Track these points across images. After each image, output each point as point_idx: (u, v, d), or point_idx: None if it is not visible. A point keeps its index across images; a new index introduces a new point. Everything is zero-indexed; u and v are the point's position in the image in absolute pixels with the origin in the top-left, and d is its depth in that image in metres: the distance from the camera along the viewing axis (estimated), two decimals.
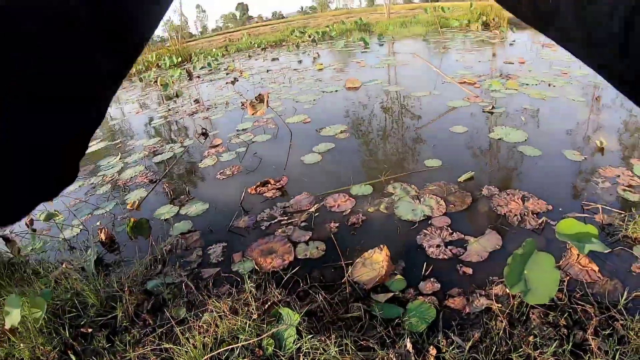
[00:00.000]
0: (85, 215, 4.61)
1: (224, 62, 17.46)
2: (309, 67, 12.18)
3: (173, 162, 5.66)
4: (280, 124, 6.27)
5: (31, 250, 4.01)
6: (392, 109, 6.82)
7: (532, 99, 6.24)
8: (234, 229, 3.75)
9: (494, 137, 4.93)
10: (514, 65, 8.91)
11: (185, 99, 10.46)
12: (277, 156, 5.13)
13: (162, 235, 3.83)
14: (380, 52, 13.44)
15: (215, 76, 13.47)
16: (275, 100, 8.18)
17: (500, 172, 4.18)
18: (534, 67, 8.62)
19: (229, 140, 6.15)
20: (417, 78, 8.69)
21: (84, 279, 3.14)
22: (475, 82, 7.52)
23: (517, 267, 2.27)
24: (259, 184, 4.35)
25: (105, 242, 3.83)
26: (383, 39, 17.05)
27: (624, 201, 3.37)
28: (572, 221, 2.49)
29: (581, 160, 4.17)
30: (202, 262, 3.35)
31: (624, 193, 3.46)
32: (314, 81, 9.68)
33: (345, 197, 3.94)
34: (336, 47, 15.77)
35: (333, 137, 5.57)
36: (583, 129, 5.01)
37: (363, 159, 4.86)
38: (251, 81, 10.97)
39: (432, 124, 5.74)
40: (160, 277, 3.19)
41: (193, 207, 4.27)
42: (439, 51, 12.22)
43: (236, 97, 9.06)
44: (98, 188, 5.34)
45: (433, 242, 3.11)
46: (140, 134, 7.93)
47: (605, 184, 3.64)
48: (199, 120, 7.81)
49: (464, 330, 2.30)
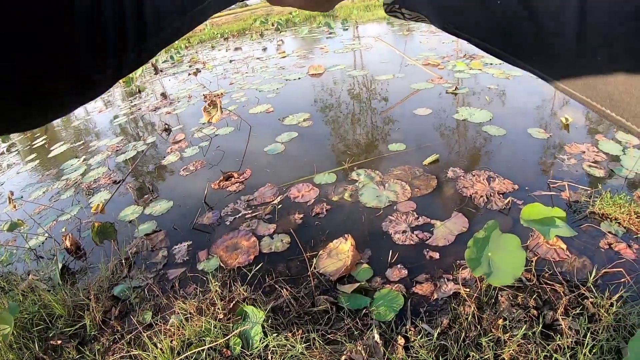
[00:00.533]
0: (50, 222, 4.49)
1: (187, 54, 17.21)
2: (272, 55, 12.04)
3: (136, 161, 5.55)
4: (243, 116, 6.18)
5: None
6: (355, 94, 6.77)
7: (496, 79, 6.25)
8: (198, 226, 3.68)
9: (459, 118, 4.91)
10: None
11: (148, 94, 10.29)
12: (240, 149, 5.05)
13: (127, 238, 3.75)
14: (345, 37, 13.37)
15: (178, 69, 13.25)
16: (238, 90, 8.07)
17: (466, 153, 4.17)
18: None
19: (192, 135, 6.04)
20: (381, 62, 8.64)
21: (51, 289, 3.07)
22: (439, 64, 7.49)
23: (479, 250, 2.25)
24: (222, 179, 4.28)
25: (70, 249, 3.72)
26: (347, 23, 16.97)
27: (590, 177, 3.39)
28: (537, 206, 2.49)
29: (546, 137, 4.18)
30: (167, 262, 3.28)
31: (590, 169, 3.48)
32: (277, 69, 9.56)
33: (309, 186, 3.88)
34: (300, 34, 15.65)
35: (296, 126, 5.50)
36: (548, 106, 5.03)
37: (327, 146, 4.81)
38: (214, 73, 10.82)
39: (396, 108, 5.70)
40: (127, 281, 3.13)
41: (157, 205, 4.18)
42: (403, 34, 12.19)
43: (199, 89, 8.92)
44: (62, 193, 5.20)
45: (399, 228, 3.08)
46: (104, 133, 7.76)
47: (571, 161, 3.66)
48: (163, 115, 7.67)
49: (433, 317, 2.28)
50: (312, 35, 14.87)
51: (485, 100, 5.42)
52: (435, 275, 2.58)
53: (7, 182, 6.76)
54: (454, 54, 8.43)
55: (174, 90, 9.98)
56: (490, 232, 2.30)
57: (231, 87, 8.52)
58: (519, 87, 5.84)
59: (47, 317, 2.85)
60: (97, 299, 2.89)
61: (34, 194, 5.53)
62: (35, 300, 2.98)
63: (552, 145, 4.03)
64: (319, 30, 15.97)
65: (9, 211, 4.76)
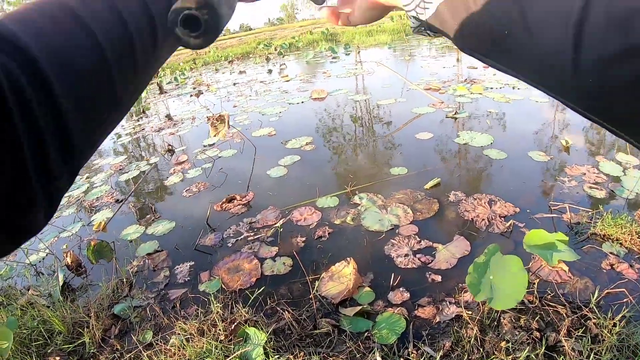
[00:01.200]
0: (51, 238, 4.50)
1: (191, 77, 17.35)
2: (275, 79, 12.16)
3: (139, 181, 5.57)
4: (246, 138, 6.21)
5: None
6: (358, 118, 6.83)
7: (497, 103, 6.32)
8: (200, 247, 3.68)
9: (460, 142, 4.95)
10: (478, 70, 9.02)
11: (152, 114, 10.36)
12: (243, 171, 5.07)
13: (129, 257, 3.74)
14: (347, 62, 13.50)
15: (182, 91, 13.37)
16: (241, 113, 8.14)
17: (467, 177, 4.20)
18: (497, 71, 8.72)
19: (195, 156, 6.07)
20: (383, 86, 8.74)
21: (51, 305, 3.06)
22: (440, 88, 7.58)
23: (480, 275, 2.26)
24: (224, 200, 4.29)
25: (71, 266, 3.72)
26: (349, 48, 17.14)
27: (591, 199, 3.42)
28: (540, 232, 2.49)
29: (547, 160, 4.21)
30: (169, 282, 3.28)
31: (591, 191, 3.51)
32: (280, 93, 9.66)
33: (311, 210, 3.90)
34: (305, 58, 15.81)
35: (299, 150, 5.53)
36: (548, 129, 5.08)
37: (329, 170, 4.84)
38: (218, 95, 10.92)
39: (398, 132, 5.74)
40: (128, 300, 3.12)
41: (160, 226, 4.19)
42: (405, 58, 12.31)
43: (203, 111, 8.98)
44: (64, 210, 5.21)
45: (401, 251, 3.09)
46: (108, 151, 7.80)
47: (572, 183, 3.68)
48: (166, 136, 7.71)
49: (435, 340, 2.28)
50: (315, 59, 15.01)
51: (486, 124, 5.47)
52: (438, 298, 2.58)
53: None
54: (455, 78, 8.51)
55: (177, 111, 10.07)
56: (491, 256, 2.31)
57: (235, 110, 8.59)
58: (519, 110, 5.90)
59: (46, 333, 2.84)
60: (97, 316, 2.88)
61: None
62: (35, 316, 2.96)
63: (553, 167, 4.06)
64: (323, 54, 16.11)
65: None
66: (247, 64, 18.92)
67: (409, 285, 2.75)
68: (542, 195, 3.59)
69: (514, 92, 6.77)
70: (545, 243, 2.42)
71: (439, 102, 6.67)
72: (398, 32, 19.58)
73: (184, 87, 14.25)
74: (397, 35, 19.18)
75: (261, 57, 19.76)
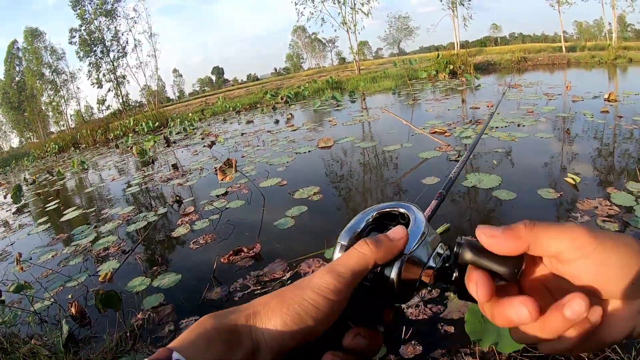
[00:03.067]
0: (57, 287, 4.50)
1: (200, 127, 17.59)
2: (282, 128, 12.34)
3: (146, 232, 5.58)
4: (254, 189, 6.25)
5: (0, 323, 3.88)
6: (364, 166, 6.89)
7: (502, 141, 6.39)
8: (206, 301, 3.65)
9: (468, 185, 4.96)
10: (481, 109, 9.13)
11: (161, 164, 10.47)
12: (250, 222, 5.09)
13: (133, 309, 3.71)
14: (353, 109, 13.67)
15: (191, 141, 13.54)
16: (248, 164, 8.23)
17: (477, 220, 4.18)
18: (501, 109, 8.94)
19: (202, 208, 6.10)
20: (388, 132, 8.89)
21: (53, 356, 3.03)
22: (445, 131, 7.69)
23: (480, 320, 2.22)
24: (231, 253, 4.28)
25: (76, 317, 3.70)
26: (355, 95, 17.39)
27: None
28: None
29: (557, 197, 4.20)
30: (174, 337, 3.23)
31: (604, 224, 3.49)
32: (287, 142, 9.79)
33: (319, 261, 3.88)
34: (312, 107, 16.03)
35: (306, 200, 5.53)
36: (556, 165, 5.11)
37: (337, 220, 4.83)
38: (226, 145, 11.04)
39: (404, 178, 5.78)
40: (131, 354, 3.08)
41: (166, 278, 4.17)
42: (410, 103, 12.48)
43: (210, 162, 9.07)
44: (71, 258, 5.23)
45: (412, 302, 3.06)
46: (116, 201, 7.87)
47: (585, 218, 3.67)
48: (174, 186, 7.78)
49: None
50: (321, 108, 15.21)
51: (492, 164, 5.50)
52: (452, 350, 2.53)
53: (17, 242, 6.83)
54: (460, 120, 8.61)
55: (186, 162, 10.19)
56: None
57: (242, 160, 8.68)
58: (525, 148, 5.97)
59: None
60: None
61: (43, 257, 5.57)
62: None
63: (564, 203, 4.05)
64: (328, 102, 16.33)
65: (17, 272, 4.78)
66: (254, 113, 19.20)
67: (422, 338, 2.69)
68: None
69: (519, 130, 6.87)
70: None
71: (446, 145, 6.75)
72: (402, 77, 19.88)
73: (192, 138, 14.44)
74: (401, 80, 19.50)
75: (268, 107, 20.06)
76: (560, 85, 12.45)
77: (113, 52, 46.76)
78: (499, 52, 29.13)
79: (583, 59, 21.55)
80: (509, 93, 11.13)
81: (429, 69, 21.00)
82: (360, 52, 39.96)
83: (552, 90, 11.05)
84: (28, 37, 46.55)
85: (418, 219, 0.56)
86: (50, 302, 4.13)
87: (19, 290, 4.07)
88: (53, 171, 14.45)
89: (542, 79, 14.11)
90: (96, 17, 44.58)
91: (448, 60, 21.39)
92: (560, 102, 9.35)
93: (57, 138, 31.78)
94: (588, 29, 58.87)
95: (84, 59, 46.40)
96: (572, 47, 28.66)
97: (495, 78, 14.93)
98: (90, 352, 3.13)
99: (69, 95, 49.88)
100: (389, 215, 0.59)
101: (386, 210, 0.60)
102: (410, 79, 18.83)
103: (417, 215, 0.57)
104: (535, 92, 11.06)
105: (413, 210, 0.58)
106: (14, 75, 49.99)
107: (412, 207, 0.59)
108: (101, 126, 28.49)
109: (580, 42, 34.71)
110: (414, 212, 0.58)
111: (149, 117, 25.78)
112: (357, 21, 33.62)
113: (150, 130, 22.54)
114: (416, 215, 0.57)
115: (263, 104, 23.06)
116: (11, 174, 24.78)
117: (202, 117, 23.19)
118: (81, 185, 11.33)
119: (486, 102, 10.13)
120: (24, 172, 21.31)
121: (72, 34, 45.36)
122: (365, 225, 0.57)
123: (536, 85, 12.28)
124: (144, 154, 11.39)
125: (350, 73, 32.07)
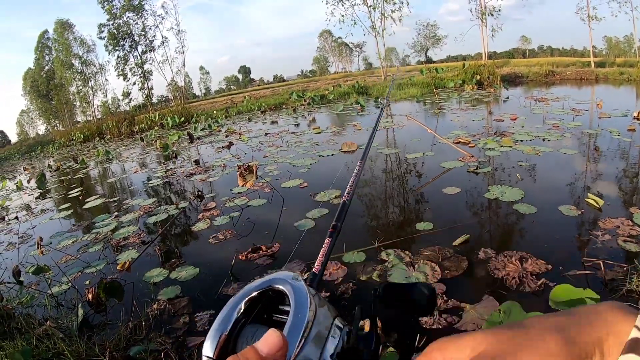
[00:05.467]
0: (75, 272, 4.56)
1: (225, 125, 17.68)
2: (306, 130, 12.37)
3: (167, 224, 5.62)
4: (276, 188, 6.26)
5: (18, 303, 3.93)
6: (386, 173, 6.86)
7: (526, 155, 6.33)
8: (223, 296, 3.66)
9: (490, 197, 4.91)
10: (507, 122, 9.06)
11: (184, 160, 10.55)
12: (270, 221, 5.10)
13: (150, 299, 3.73)
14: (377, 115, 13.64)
15: (215, 138, 13.62)
16: (271, 163, 8.26)
17: (497, 233, 4.16)
18: (527, 123, 8.89)
19: (223, 204, 6.13)
20: (412, 140, 8.84)
21: (67, 339, 3.05)
22: (469, 142, 7.61)
23: None
24: (250, 250, 4.29)
25: (92, 302, 3.74)
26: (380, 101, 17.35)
27: (626, 252, 3.31)
28: (567, 287, 2.43)
29: (578, 214, 4.13)
30: (188, 329, 3.25)
31: (625, 244, 3.41)
32: (311, 145, 9.79)
33: (337, 264, 3.86)
34: (335, 111, 16.04)
35: (328, 203, 5.51)
36: (579, 182, 5.04)
37: (357, 225, 4.81)
38: (249, 144, 11.09)
39: (426, 187, 5.75)
40: (145, 343, 3.10)
41: (184, 271, 4.19)
42: (435, 112, 12.42)
43: (233, 160, 9.11)
44: (91, 246, 5.30)
45: None
46: (138, 192, 7.95)
47: (605, 237, 3.59)
48: (196, 182, 7.85)
49: None
50: (345, 112, 15.21)
51: (516, 177, 5.44)
52: None
53: (39, 226, 6.92)
54: (484, 132, 8.54)
55: (209, 158, 10.26)
56: (509, 314, 2.25)
57: (265, 160, 8.72)
58: (549, 163, 5.90)
59: None
60: (112, 356, 2.86)
61: (63, 242, 5.64)
62: (50, 347, 2.95)
63: (585, 221, 3.98)
64: (353, 107, 16.33)
65: (37, 255, 4.85)
66: (279, 114, 19.25)
67: None
68: (575, 251, 3.50)
69: (544, 144, 6.78)
70: (572, 299, 2.35)
71: (469, 155, 6.70)
72: (428, 85, 19.80)
73: (216, 135, 14.52)
74: (427, 89, 19.42)
75: (292, 109, 20.10)
76: (588, 101, 12.28)
77: (141, 45, 47.14)
78: (526, 65, 28.82)
79: (612, 75, 21.18)
80: (535, 107, 11.02)
81: (455, 79, 20.91)
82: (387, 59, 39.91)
83: (580, 105, 10.90)
84: (58, 28, 47.05)
85: (298, 298, 0.46)
86: (67, 286, 4.19)
87: (38, 272, 4.12)
88: (78, 159, 14.64)
89: (569, 94, 13.90)
90: (124, 12, 44.96)
91: (475, 70, 21.29)
92: (587, 119, 9.21)
93: (83, 127, 32.19)
94: (618, 44, 57.86)
95: (112, 52, 46.86)
96: (601, 63, 28.18)
97: (522, 90, 14.79)
98: (104, 338, 3.14)
99: (97, 87, 50.36)
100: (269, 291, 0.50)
101: (256, 295, 0.50)
102: (436, 87, 18.77)
103: (296, 292, 0.47)
104: (562, 106, 10.91)
105: (291, 285, 0.48)
106: (43, 64, 50.73)
107: (289, 279, 0.49)
108: (127, 118, 28.80)
109: (609, 58, 34.09)
110: (292, 287, 0.48)
111: (174, 112, 26.06)
112: (385, 26, 33.64)
113: (175, 125, 22.77)
114: (295, 292, 0.47)
115: (288, 105, 23.13)
116: (36, 160, 25.19)
117: (227, 115, 23.33)
118: (104, 175, 11.47)
119: (510, 115, 10.04)
120: (49, 159, 21.66)
121: (100, 29, 45.83)
122: (235, 323, 0.47)
123: (563, 100, 12.11)
124: (166, 148, 11.48)
125: (377, 79, 32.03)
